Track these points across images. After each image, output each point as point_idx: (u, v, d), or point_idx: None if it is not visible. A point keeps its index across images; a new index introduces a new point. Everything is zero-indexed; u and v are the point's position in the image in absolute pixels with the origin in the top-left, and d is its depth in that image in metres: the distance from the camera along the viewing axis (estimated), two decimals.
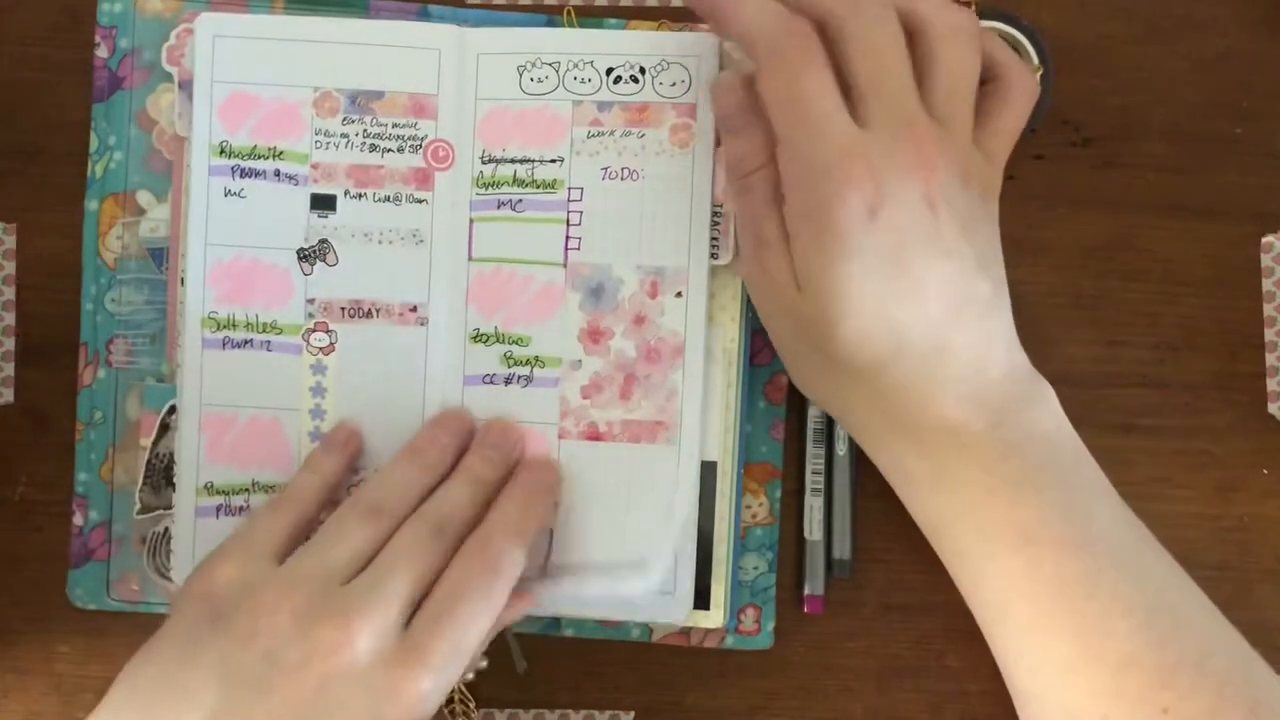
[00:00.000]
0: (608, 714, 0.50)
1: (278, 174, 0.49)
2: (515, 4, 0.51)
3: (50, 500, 0.50)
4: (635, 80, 0.48)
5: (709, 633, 0.50)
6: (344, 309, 0.49)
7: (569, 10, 0.51)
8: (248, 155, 0.49)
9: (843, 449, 0.50)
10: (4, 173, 0.51)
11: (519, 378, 0.49)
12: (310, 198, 0.49)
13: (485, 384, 0.49)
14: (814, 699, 0.50)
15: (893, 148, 0.41)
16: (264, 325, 0.49)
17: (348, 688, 0.40)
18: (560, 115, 0.49)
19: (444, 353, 0.49)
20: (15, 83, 0.51)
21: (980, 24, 0.44)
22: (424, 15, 0.50)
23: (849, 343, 0.42)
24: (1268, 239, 0.51)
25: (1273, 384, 0.51)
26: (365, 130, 0.49)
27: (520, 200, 0.48)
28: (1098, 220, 0.51)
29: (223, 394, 0.49)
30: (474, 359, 0.49)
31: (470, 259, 0.49)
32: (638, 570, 0.48)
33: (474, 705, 0.49)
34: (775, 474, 0.50)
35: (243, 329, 0.49)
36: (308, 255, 0.49)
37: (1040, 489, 0.43)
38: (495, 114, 0.49)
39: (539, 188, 0.48)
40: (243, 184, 0.49)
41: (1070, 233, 0.51)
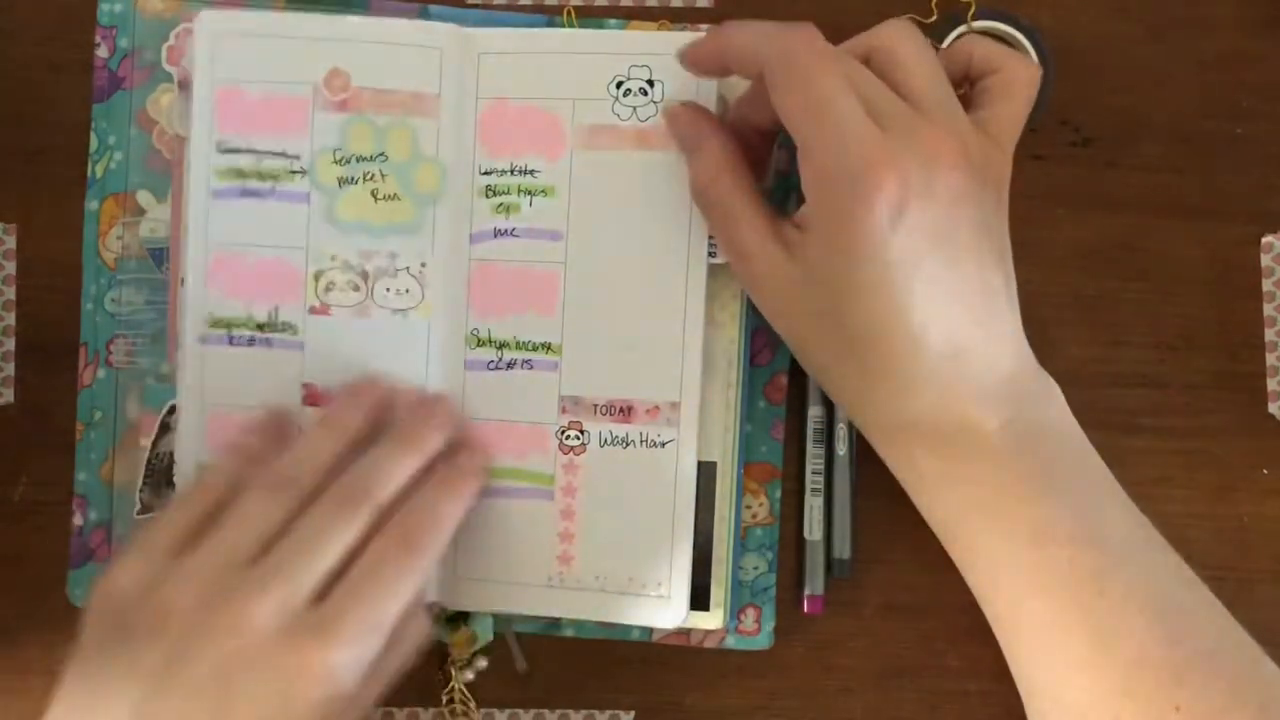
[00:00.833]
0: (608, 714, 0.50)
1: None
2: (515, 4, 0.51)
3: (50, 500, 0.50)
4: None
5: (709, 633, 0.50)
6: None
7: (569, 10, 0.51)
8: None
9: (843, 449, 0.50)
10: (4, 173, 0.51)
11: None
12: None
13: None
14: (814, 699, 0.50)
15: (914, 148, 0.41)
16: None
17: (253, 669, 0.39)
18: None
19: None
20: (15, 83, 0.51)
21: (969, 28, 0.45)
22: (424, 15, 0.50)
23: (867, 339, 0.42)
24: (1268, 239, 0.51)
25: (1273, 384, 0.51)
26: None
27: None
28: (1098, 220, 0.51)
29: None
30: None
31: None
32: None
33: (474, 705, 0.49)
34: (775, 474, 0.50)
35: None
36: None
37: (1053, 486, 0.43)
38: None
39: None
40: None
41: (1070, 233, 0.51)
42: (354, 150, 0.49)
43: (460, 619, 0.49)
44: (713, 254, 0.48)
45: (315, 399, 0.48)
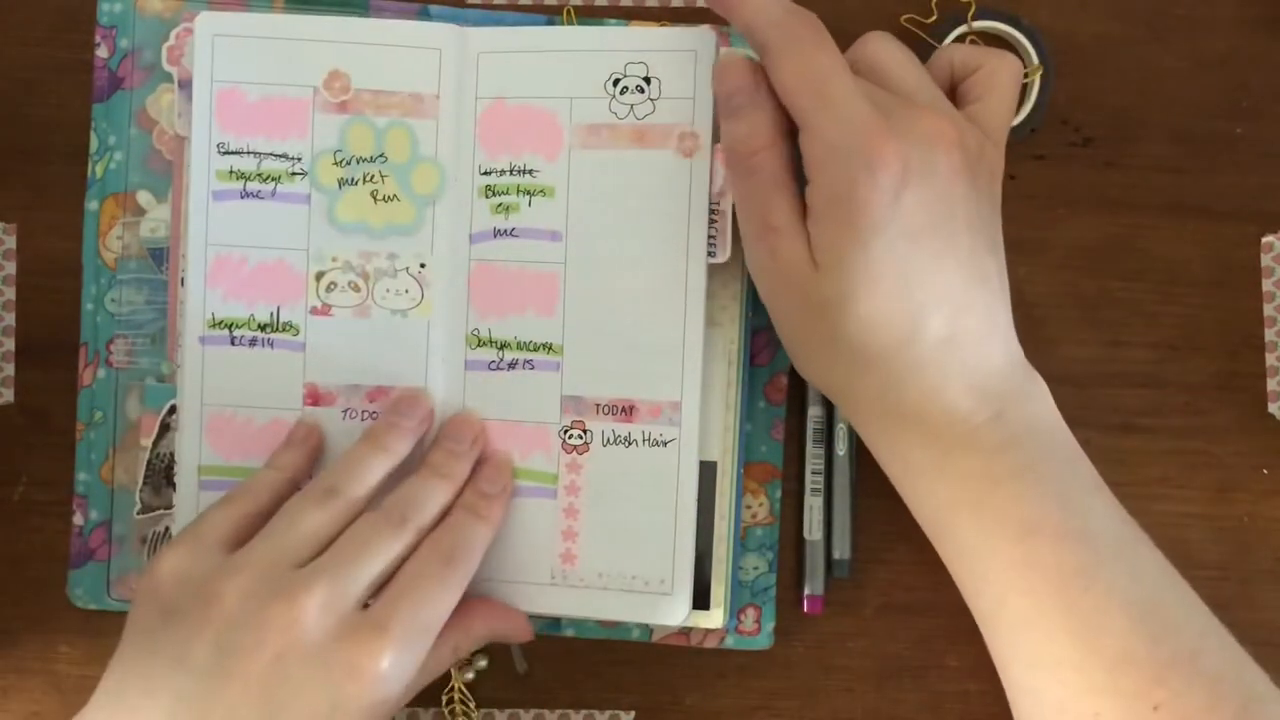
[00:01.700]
0: (608, 714, 0.50)
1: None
2: (515, 4, 0.51)
3: (50, 500, 0.50)
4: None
5: (709, 633, 0.50)
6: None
7: (569, 10, 0.51)
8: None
9: (843, 449, 0.50)
10: (4, 173, 0.51)
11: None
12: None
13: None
14: (814, 699, 0.50)
15: (914, 131, 0.42)
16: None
17: (303, 666, 0.40)
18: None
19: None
20: (15, 83, 0.51)
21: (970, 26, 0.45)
22: (424, 15, 0.50)
23: (867, 324, 0.42)
24: (1268, 239, 0.51)
25: (1273, 384, 0.51)
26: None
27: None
28: (1098, 220, 0.51)
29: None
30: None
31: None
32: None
33: (474, 705, 0.49)
34: (775, 474, 0.50)
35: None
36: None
37: (1041, 481, 0.43)
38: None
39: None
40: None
41: (1070, 233, 0.51)
42: (354, 152, 0.49)
43: None
44: (712, 253, 0.48)
45: (317, 398, 0.49)
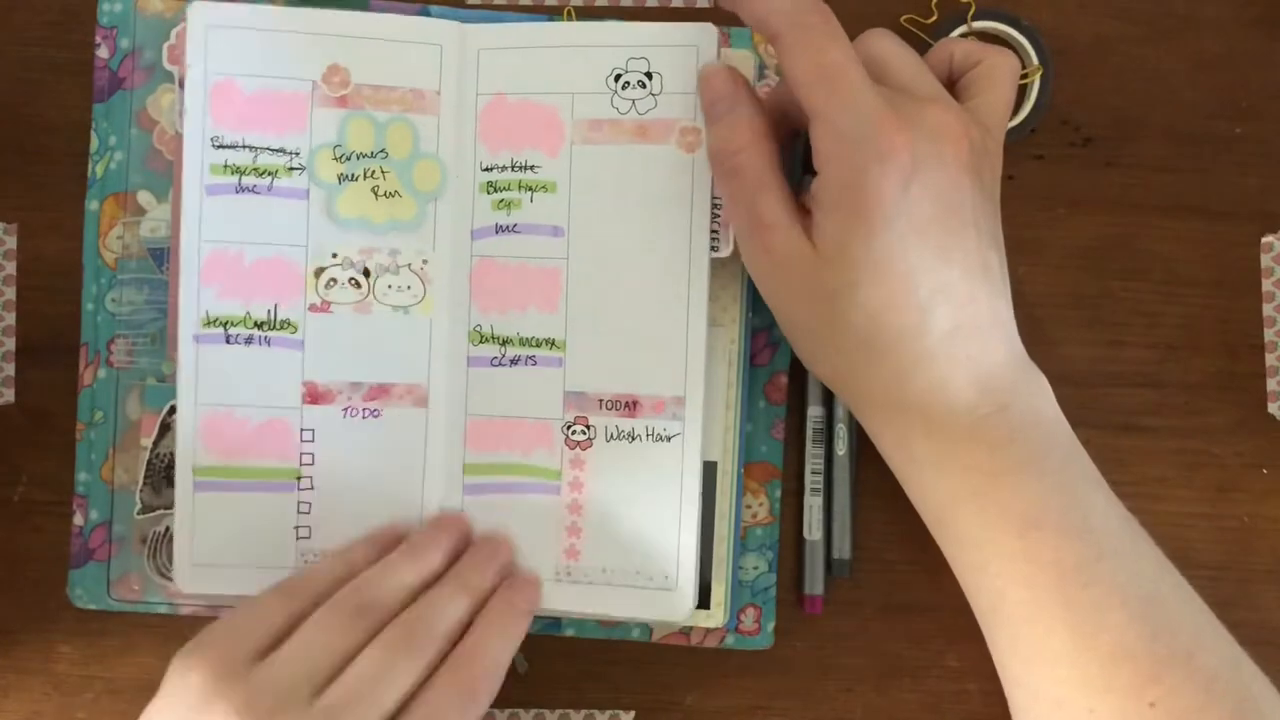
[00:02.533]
0: (608, 714, 0.50)
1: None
2: (515, 4, 0.51)
3: (50, 500, 0.50)
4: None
5: (709, 633, 0.50)
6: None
7: (569, 10, 0.51)
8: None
9: (843, 449, 0.50)
10: (4, 173, 0.51)
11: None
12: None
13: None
14: (814, 699, 0.50)
15: (922, 123, 0.42)
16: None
17: None
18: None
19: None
20: (15, 83, 0.51)
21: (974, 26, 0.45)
22: (424, 15, 0.50)
23: (874, 314, 0.43)
24: (1268, 239, 0.51)
25: (1273, 384, 0.51)
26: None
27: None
28: (1098, 220, 0.51)
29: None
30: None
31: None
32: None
33: None
34: (775, 474, 0.50)
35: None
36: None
37: (1044, 475, 0.43)
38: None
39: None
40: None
41: (1070, 233, 0.51)
42: (354, 147, 0.49)
43: None
44: (715, 248, 0.47)
45: (316, 397, 0.48)
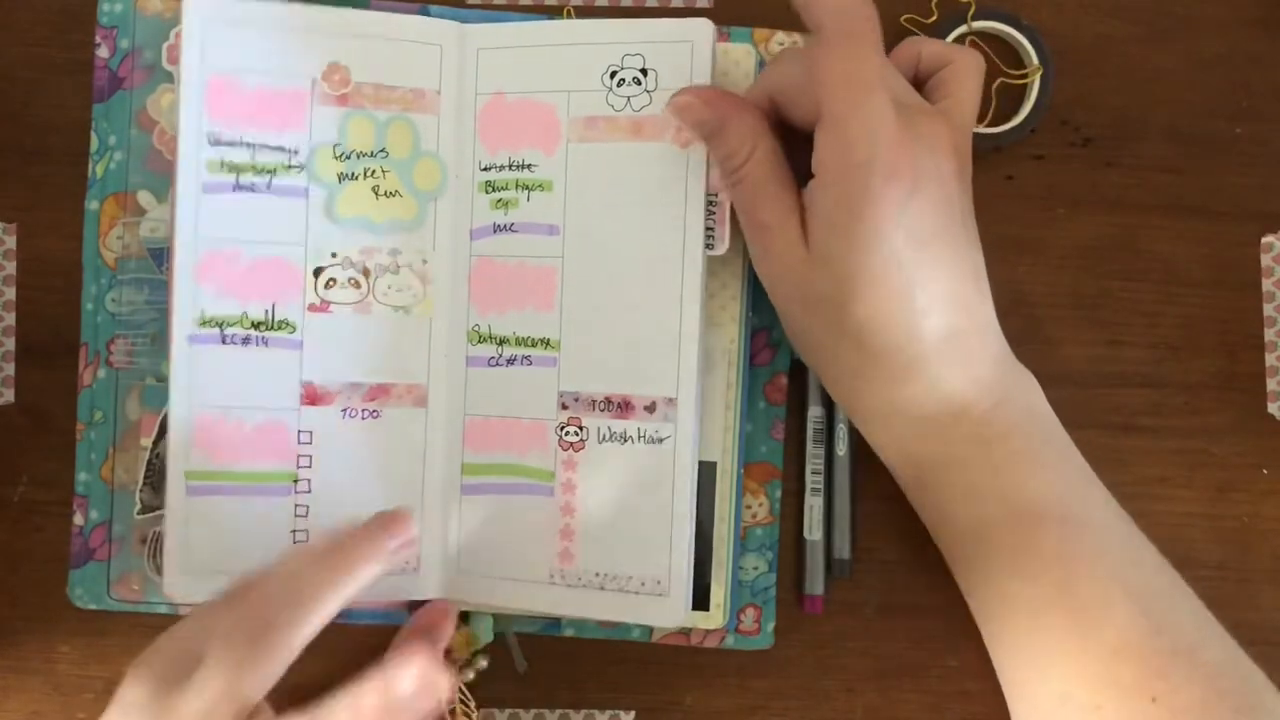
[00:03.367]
0: (608, 714, 0.50)
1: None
2: (515, 4, 0.51)
3: (50, 500, 0.50)
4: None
5: (709, 633, 0.50)
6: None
7: (569, 10, 0.51)
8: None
9: (843, 449, 0.50)
10: (4, 173, 0.51)
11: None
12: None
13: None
14: (814, 699, 0.50)
15: (921, 136, 0.42)
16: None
17: None
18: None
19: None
20: (15, 83, 0.51)
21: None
22: (424, 14, 0.50)
23: (868, 325, 0.43)
24: (1268, 239, 0.51)
25: (1273, 384, 0.51)
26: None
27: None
28: (1098, 220, 0.51)
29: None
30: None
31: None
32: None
33: (474, 705, 0.49)
34: (775, 474, 0.50)
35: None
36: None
37: (1042, 468, 0.44)
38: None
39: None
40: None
41: (1070, 233, 0.51)
42: (354, 146, 0.49)
43: (460, 619, 0.49)
44: (710, 245, 0.47)
45: (314, 398, 0.48)
